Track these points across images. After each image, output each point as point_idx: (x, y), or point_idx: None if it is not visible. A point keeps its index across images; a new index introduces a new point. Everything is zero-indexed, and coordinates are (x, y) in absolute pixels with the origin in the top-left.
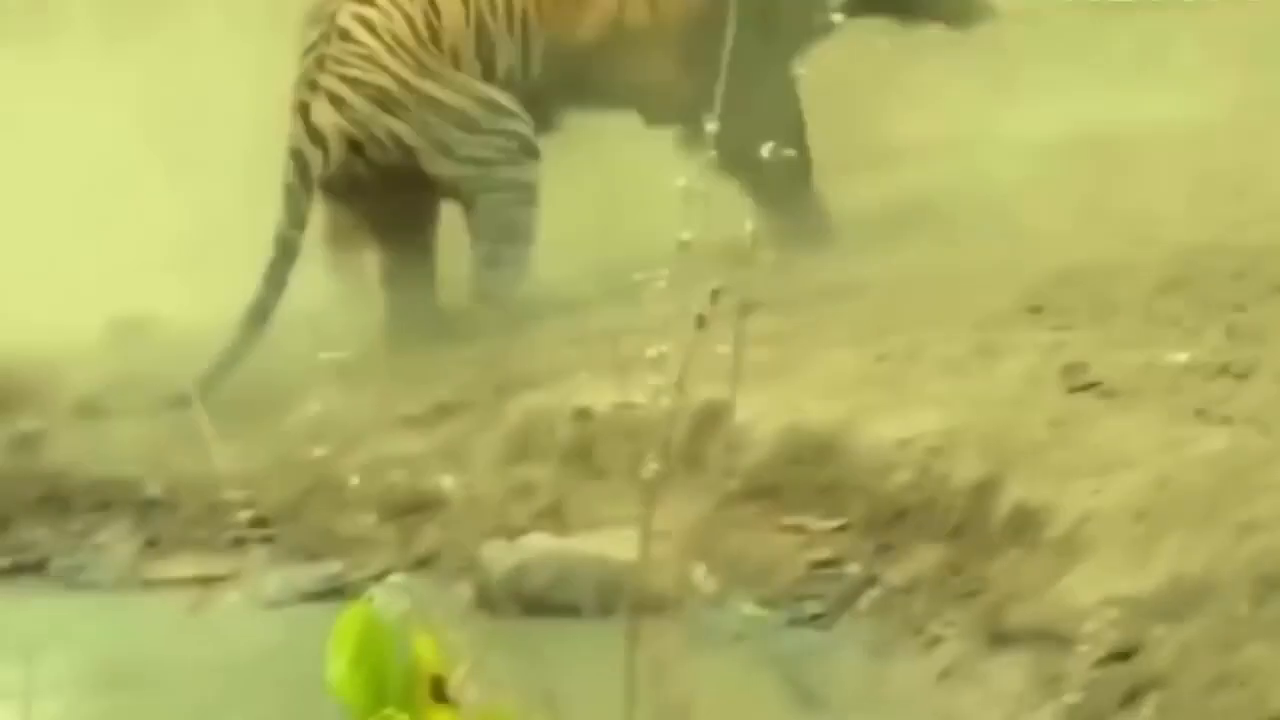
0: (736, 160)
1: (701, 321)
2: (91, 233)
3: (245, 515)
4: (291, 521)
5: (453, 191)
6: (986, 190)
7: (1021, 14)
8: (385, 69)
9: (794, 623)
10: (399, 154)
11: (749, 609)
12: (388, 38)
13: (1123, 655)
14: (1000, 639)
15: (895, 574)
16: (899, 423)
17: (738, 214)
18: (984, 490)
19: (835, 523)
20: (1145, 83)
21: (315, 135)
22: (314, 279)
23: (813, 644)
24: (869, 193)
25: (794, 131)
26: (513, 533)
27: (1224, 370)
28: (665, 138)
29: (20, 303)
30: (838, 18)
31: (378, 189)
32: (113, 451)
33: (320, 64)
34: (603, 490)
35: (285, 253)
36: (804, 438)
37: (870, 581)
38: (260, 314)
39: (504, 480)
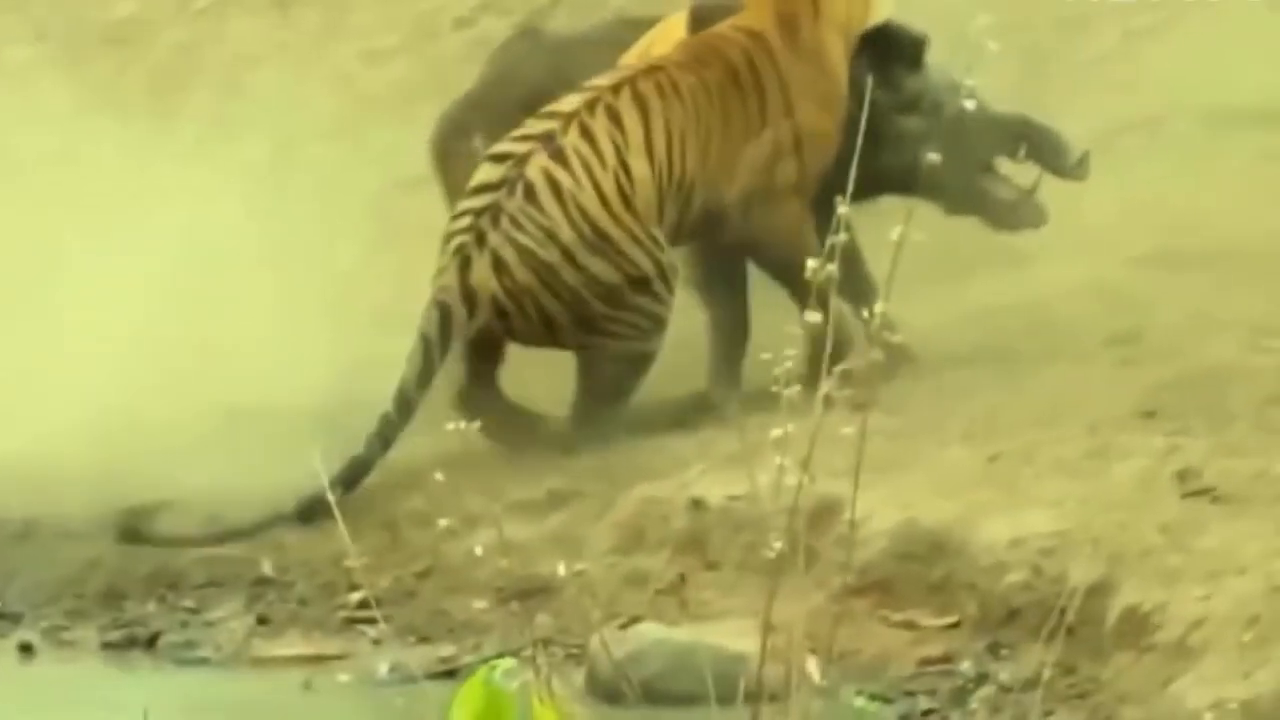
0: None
1: (829, 402)
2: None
3: (357, 596)
4: (404, 604)
5: (574, 348)
6: (1104, 296)
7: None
8: (560, 244)
9: (905, 718)
10: (541, 328)
11: (861, 702)
12: (573, 208)
13: None
14: None
15: (1007, 672)
16: (1012, 522)
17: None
18: (1096, 592)
19: (947, 620)
20: (1263, 194)
21: (468, 294)
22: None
23: None
24: (988, 297)
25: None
26: (625, 621)
27: None
28: None
29: (137, 382)
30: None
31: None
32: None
33: (495, 218)
34: (716, 580)
35: (403, 412)
36: (917, 534)
37: (982, 679)
38: (359, 473)
39: (617, 568)
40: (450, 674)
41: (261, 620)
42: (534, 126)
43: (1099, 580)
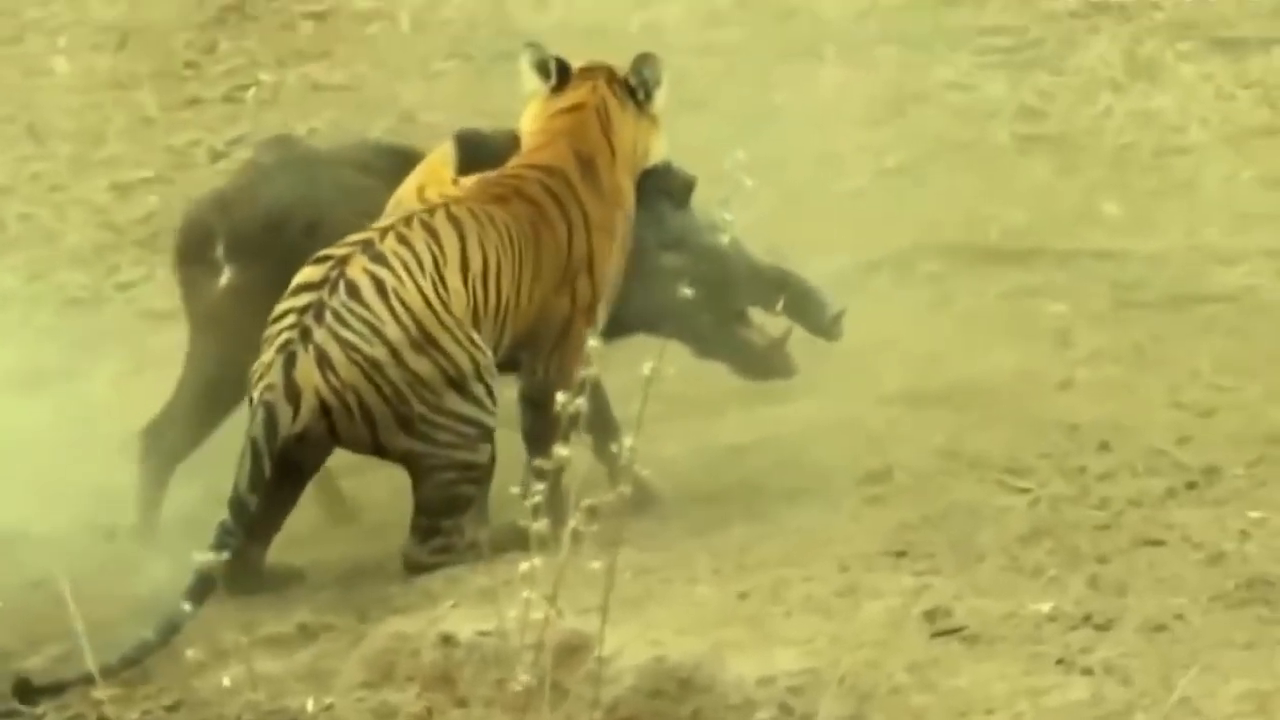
0: None
1: (577, 537)
2: None
3: None
4: None
5: (400, 460)
6: (854, 434)
7: (892, 260)
8: (384, 340)
9: None
10: (364, 428)
11: None
12: (397, 304)
13: None
14: None
15: None
16: (761, 660)
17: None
18: None
19: None
20: (1007, 333)
21: (292, 392)
22: None
23: None
24: (738, 435)
25: None
26: None
27: (1086, 620)
28: None
29: None
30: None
31: (315, 450)
32: None
33: (319, 315)
34: (464, 717)
35: (241, 518)
36: (666, 671)
37: None
38: (205, 587)
39: (365, 703)
40: None
41: None
42: (348, 237)
43: (847, 719)
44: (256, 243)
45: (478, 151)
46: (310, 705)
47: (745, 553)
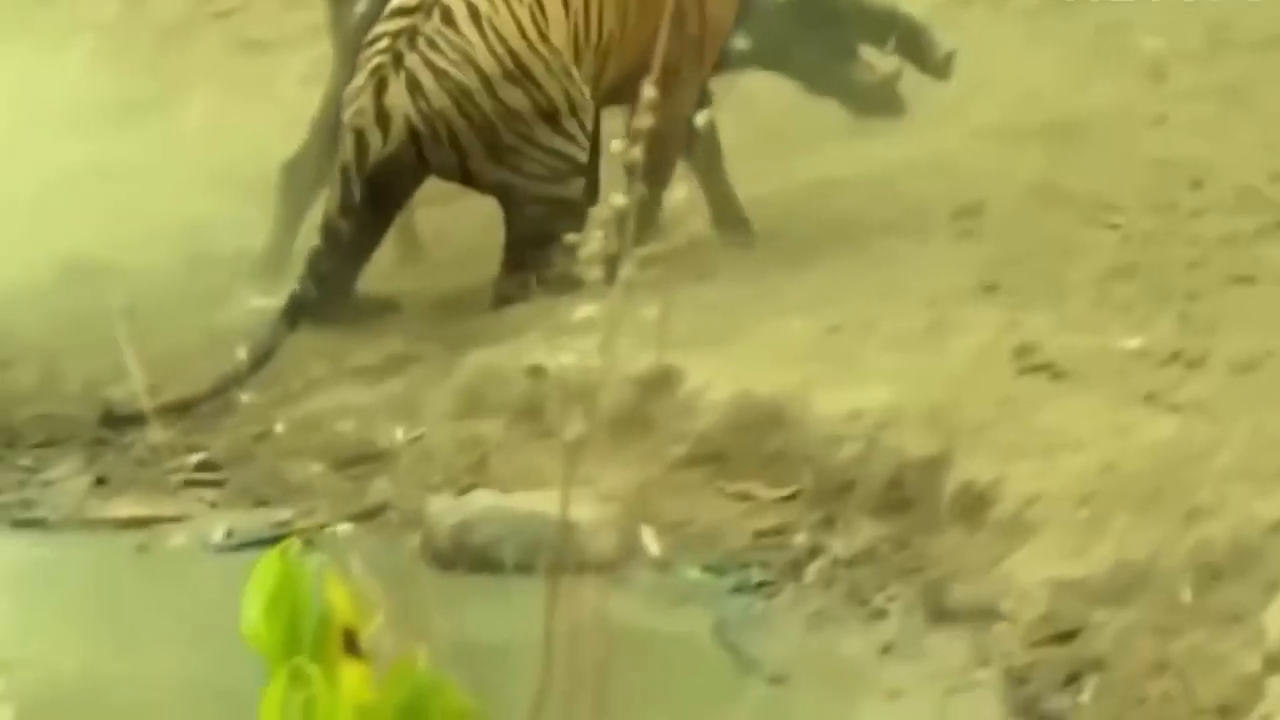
0: None
1: (628, 285)
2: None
3: (194, 459)
4: (240, 467)
5: (492, 191)
6: (946, 170)
7: None
8: (476, 69)
9: (739, 589)
10: (453, 155)
11: (694, 574)
12: (490, 33)
13: (1064, 637)
14: (943, 615)
15: (840, 545)
16: (848, 395)
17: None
18: (931, 467)
19: (782, 491)
20: (1103, 68)
21: (382, 117)
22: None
23: (758, 611)
24: (830, 169)
25: None
26: (461, 488)
27: (1175, 358)
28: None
29: None
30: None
31: (404, 177)
32: (64, 390)
33: (412, 40)
34: (553, 448)
35: (333, 243)
36: (753, 406)
37: (816, 552)
38: (298, 310)
39: (454, 435)
40: (285, 538)
41: (99, 480)
42: None
43: (935, 454)
44: None
45: None
46: (399, 435)
47: (836, 287)
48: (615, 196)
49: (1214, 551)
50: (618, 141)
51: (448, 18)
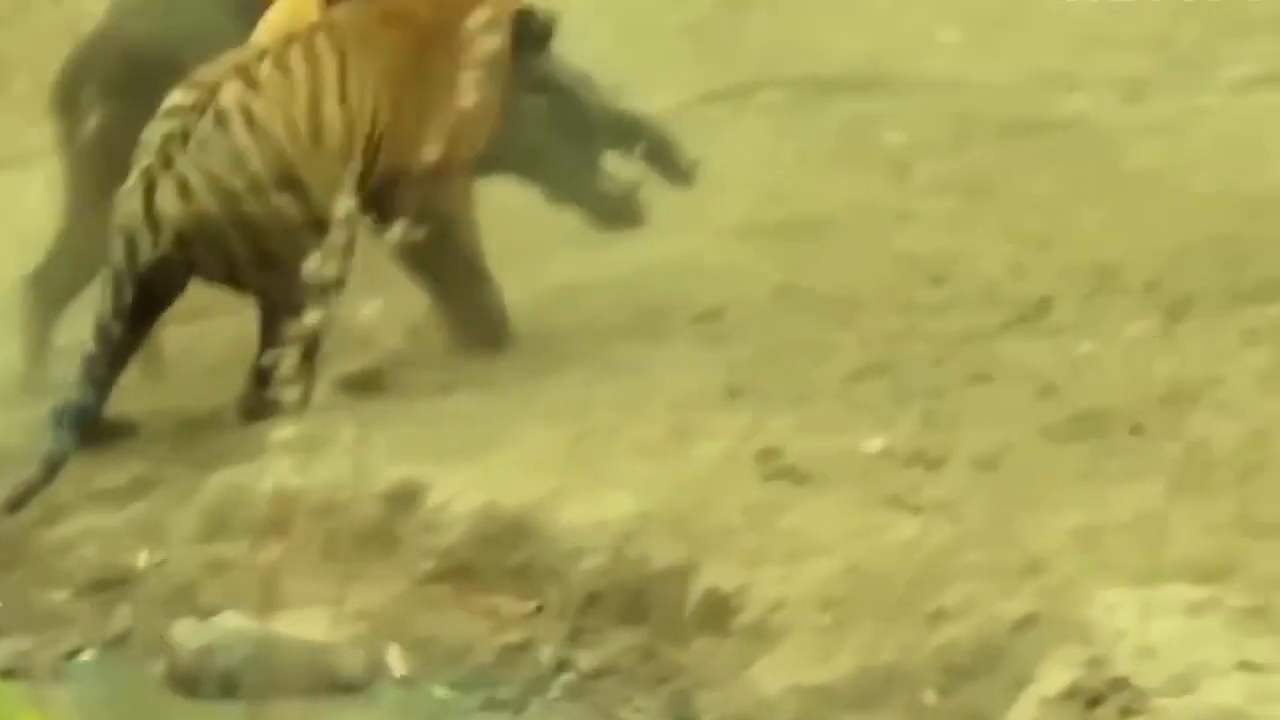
0: None
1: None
2: None
3: None
4: None
5: (253, 289)
6: (691, 272)
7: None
8: (248, 174)
9: (487, 706)
10: (219, 260)
11: (441, 691)
12: (264, 138)
13: None
14: None
15: (588, 658)
16: (594, 505)
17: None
18: (676, 575)
19: (529, 605)
20: (847, 164)
21: (152, 219)
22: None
23: None
24: (575, 274)
25: None
26: (206, 611)
27: (917, 458)
28: None
29: None
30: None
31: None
32: None
33: (183, 141)
34: (300, 568)
35: (105, 347)
36: (499, 518)
37: (562, 666)
38: (87, 419)
39: (199, 557)
40: (26, 670)
41: None
42: (227, 59)
43: (680, 563)
44: (121, 84)
45: None
46: (144, 559)
47: (579, 396)
48: (310, 314)
49: (959, 652)
50: (314, 258)
51: (221, 120)
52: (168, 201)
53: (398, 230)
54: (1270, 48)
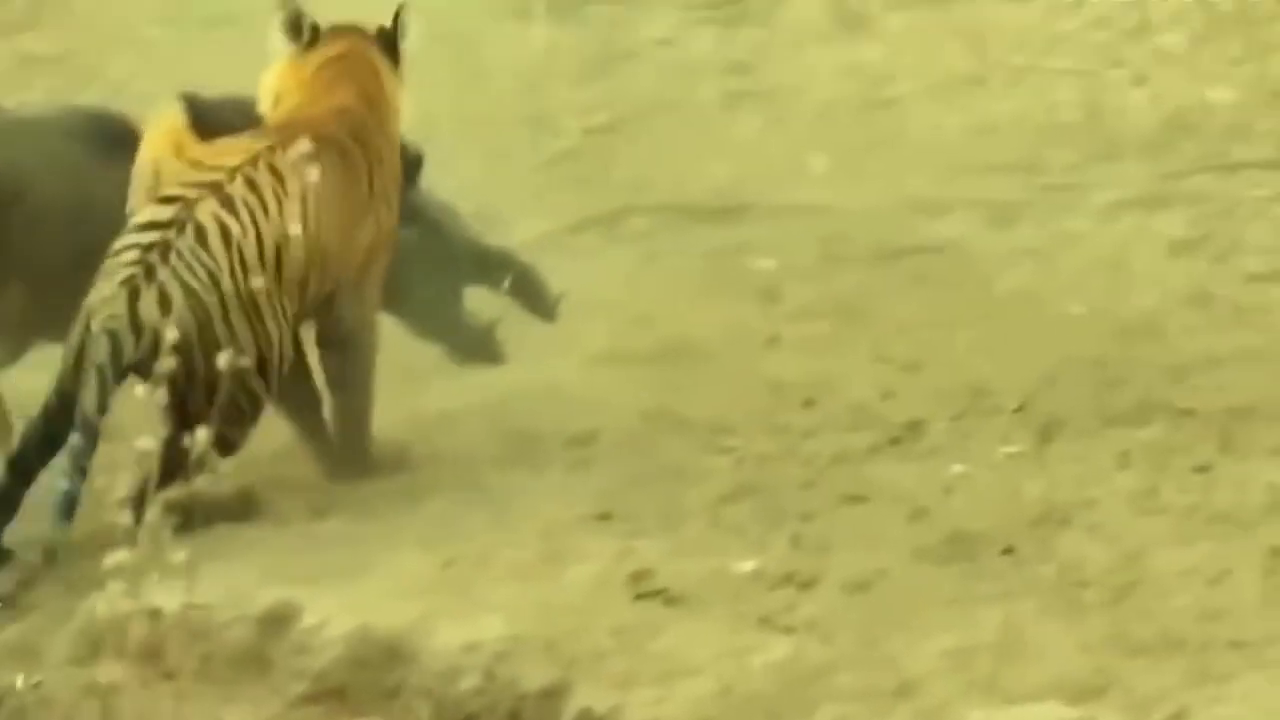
0: None
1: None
2: None
3: None
4: None
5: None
6: (561, 397)
7: (600, 219)
8: (220, 291)
9: None
10: (180, 376)
11: None
12: (237, 258)
13: None
14: None
15: None
16: (466, 627)
17: None
18: (549, 696)
19: None
20: (716, 290)
21: (136, 325)
22: None
23: None
24: (445, 401)
25: None
26: None
27: (788, 579)
28: None
29: None
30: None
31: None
32: None
33: (165, 255)
34: (173, 690)
35: (91, 438)
36: (372, 640)
37: None
38: (72, 506)
39: (74, 680)
40: None
41: None
42: (199, 176)
43: (552, 684)
44: None
45: (203, 116)
46: (20, 682)
47: (451, 521)
48: (142, 440)
49: None
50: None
51: (201, 236)
52: (149, 311)
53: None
54: (1137, 172)
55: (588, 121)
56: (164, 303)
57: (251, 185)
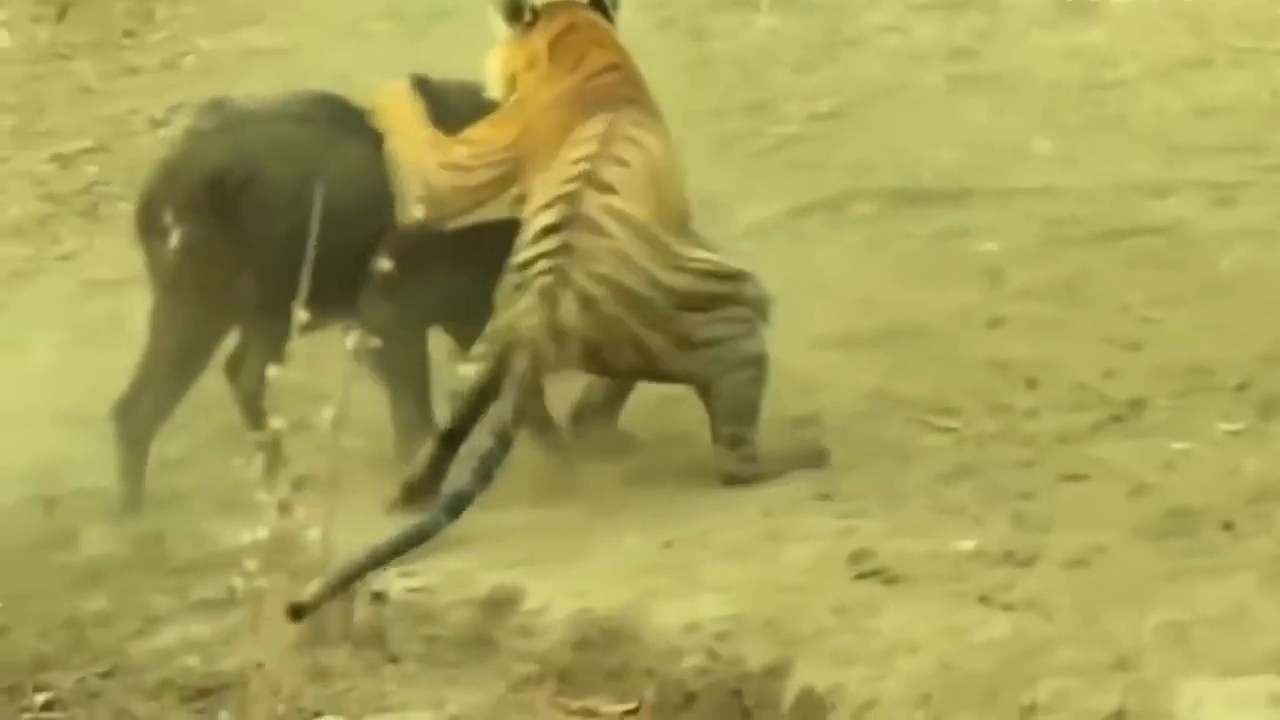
0: None
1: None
2: None
3: (40, 699)
4: (87, 706)
5: (687, 380)
6: (783, 379)
7: (826, 204)
8: (635, 266)
9: None
10: (636, 358)
11: None
12: (636, 228)
13: None
14: None
15: None
16: (686, 608)
17: None
18: (771, 675)
19: (626, 706)
20: (940, 273)
21: (557, 333)
22: None
23: None
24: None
25: None
26: (307, 717)
27: (1008, 557)
28: None
29: None
30: None
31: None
32: None
33: (569, 255)
34: (396, 673)
35: (505, 446)
36: (594, 622)
37: None
38: (462, 505)
39: (298, 664)
40: None
41: None
42: (569, 169)
43: (773, 663)
44: (201, 205)
45: (431, 99)
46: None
47: (671, 501)
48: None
49: None
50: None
51: (595, 228)
52: (570, 316)
53: None
54: None
55: (812, 108)
56: (586, 302)
57: (620, 161)
